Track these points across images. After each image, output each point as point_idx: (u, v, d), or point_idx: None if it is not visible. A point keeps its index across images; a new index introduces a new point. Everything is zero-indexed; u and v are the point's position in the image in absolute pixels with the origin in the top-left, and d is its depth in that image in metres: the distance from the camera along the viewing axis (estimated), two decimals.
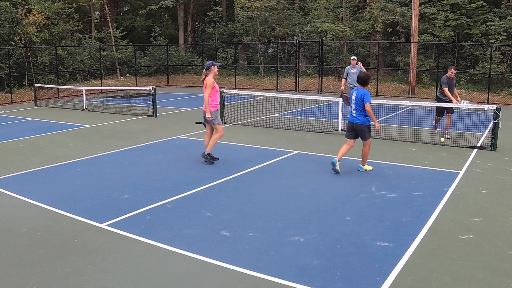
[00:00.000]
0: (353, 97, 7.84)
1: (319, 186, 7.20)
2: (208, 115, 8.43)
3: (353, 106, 7.86)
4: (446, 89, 10.76)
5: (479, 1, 23.42)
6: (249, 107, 16.12)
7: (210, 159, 8.59)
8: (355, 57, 14.31)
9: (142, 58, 30.36)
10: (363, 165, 8.12)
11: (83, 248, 4.99)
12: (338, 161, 7.88)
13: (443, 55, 24.94)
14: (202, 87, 8.58)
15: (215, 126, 8.60)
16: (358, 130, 7.90)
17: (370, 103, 7.69)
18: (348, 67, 14.22)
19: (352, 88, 14.02)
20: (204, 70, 8.52)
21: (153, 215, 5.96)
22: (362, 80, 7.87)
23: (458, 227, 5.54)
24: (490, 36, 22.63)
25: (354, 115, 7.87)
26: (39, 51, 23.24)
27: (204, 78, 8.44)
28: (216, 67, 8.50)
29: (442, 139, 10.28)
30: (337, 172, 7.85)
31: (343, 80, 14.16)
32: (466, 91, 21.11)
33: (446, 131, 10.97)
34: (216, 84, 8.52)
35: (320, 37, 25.88)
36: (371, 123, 7.98)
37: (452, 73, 10.77)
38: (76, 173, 8.08)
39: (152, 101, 14.80)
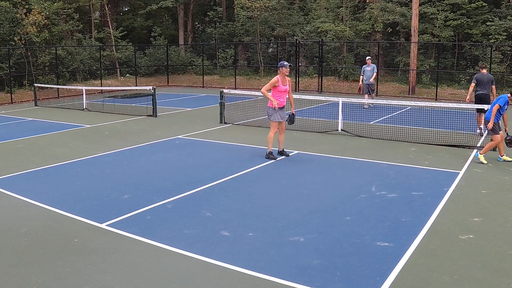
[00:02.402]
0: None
1: (319, 186, 7.20)
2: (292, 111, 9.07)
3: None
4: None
5: (479, 1, 23.42)
6: (249, 107, 16.11)
7: (272, 156, 8.90)
8: (370, 57, 16.86)
9: (142, 58, 30.36)
10: (481, 153, 8.68)
11: (83, 248, 4.99)
12: (502, 156, 8.80)
13: (443, 55, 24.95)
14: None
15: (273, 123, 8.86)
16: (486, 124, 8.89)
17: (500, 106, 8.54)
18: (364, 65, 16.62)
19: (368, 84, 16.30)
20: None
21: (153, 215, 5.96)
22: None
23: (458, 227, 5.54)
24: (490, 36, 22.64)
25: (488, 109, 9.02)
26: (39, 51, 23.25)
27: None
28: (284, 68, 8.66)
29: (508, 158, 8.89)
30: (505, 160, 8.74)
31: (361, 76, 16.54)
32: (466, 91, 21.08)
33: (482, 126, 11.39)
34: (280, 84, 8.69)
35: (320, 37, 25.87)
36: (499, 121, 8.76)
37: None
38: (76, 173, 8.08)
39: (152, 101, 14.80)
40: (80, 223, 5.73)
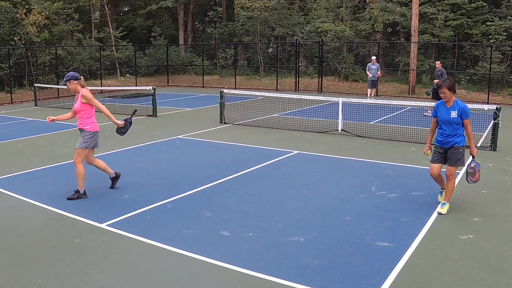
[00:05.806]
0: None
1: (319, 186, 7.20)
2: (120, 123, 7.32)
3: None
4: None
5: (479, 1, 23.43)
6: (249, 107, 16.12)
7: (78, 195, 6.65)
8: (375, 57, 18.47)
9: (142, 58, 30.36)
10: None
11: (83, 248, 4.99)
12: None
13: (443, 55, 24.96)
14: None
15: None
16: None
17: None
18: (369, 63, 18.21)
19: (372, 81, 17.96)
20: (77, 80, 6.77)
21: (153, 215, 5.96)
22: None
23: (458, 227, 5.54)
24: (490, 36, 22.65)
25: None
26: (39, 51, 23.25)
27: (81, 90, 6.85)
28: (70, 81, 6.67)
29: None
30: None
31: (367, 72, 18.25)
32: (466, 91, 21.11)
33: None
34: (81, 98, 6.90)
35: (320, 37, 25.88)
36: None
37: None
38: None
39: (152, 101, 14.80)
40: (80, 223, 5.72)
